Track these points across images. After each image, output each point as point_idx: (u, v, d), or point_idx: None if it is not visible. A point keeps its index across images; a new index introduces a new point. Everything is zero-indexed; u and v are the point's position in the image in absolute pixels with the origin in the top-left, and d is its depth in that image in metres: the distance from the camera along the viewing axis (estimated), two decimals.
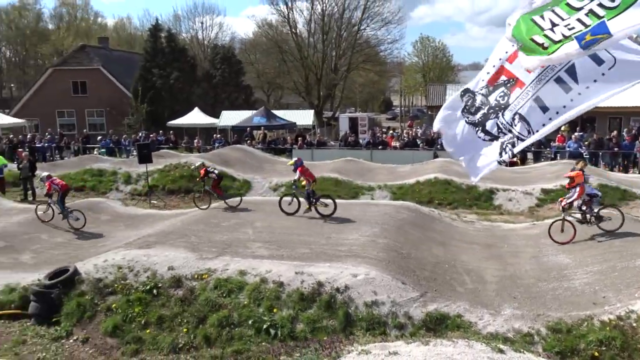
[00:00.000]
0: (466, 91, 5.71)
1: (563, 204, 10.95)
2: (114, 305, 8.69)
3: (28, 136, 29.86)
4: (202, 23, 59.48)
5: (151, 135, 29.22)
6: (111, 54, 45.17)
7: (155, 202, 17.84)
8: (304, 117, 33.62)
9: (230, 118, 32.55)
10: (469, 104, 5.65)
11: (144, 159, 18.32)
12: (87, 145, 29.20)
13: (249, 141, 27.36)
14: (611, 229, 10.54)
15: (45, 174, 14.79)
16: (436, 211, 12.85)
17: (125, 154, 28.31)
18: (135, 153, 23.18)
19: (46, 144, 28.82)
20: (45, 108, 39.94)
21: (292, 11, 50.85)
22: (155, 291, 8.80)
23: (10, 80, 73.70)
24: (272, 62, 53.10)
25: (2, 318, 9.01)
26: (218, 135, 29.67)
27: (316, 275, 8.60)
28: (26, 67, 68.89)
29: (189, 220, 13.01)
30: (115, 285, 9.04)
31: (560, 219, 10.97)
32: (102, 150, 27.98)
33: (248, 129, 29.19)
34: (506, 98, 5.42)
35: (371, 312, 7.92)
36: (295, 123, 31.91)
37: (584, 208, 10.85)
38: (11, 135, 32.37)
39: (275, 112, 32.97)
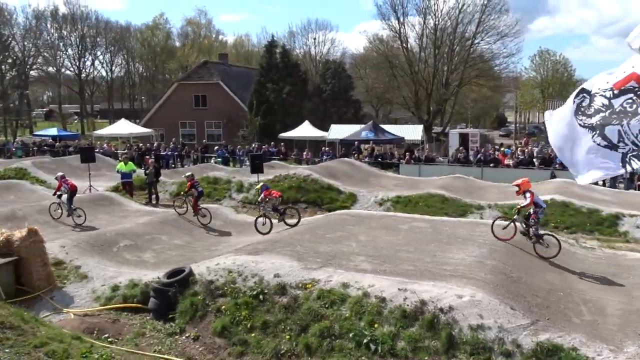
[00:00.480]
0: (582, 91, 5.34)
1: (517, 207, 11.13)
2: (223, 307, 9.14)
3: (154, 145, 32.89)
4: (314, 39, 61.56)
5: (263, 147, 30.64)
6: (230, 69, 48.32)
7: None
8: (412, 132, 33.38)
9: (339, 131, 33.20)
10: (584, 105, 5.27)
11: (256, 169, 19.30)
12: (205, 155, 31.33)
13: (356, 155, 27.66)
14: (546, 255, 10.80)
15: (60, 174, 16.21)
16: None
17: (239, 164, 29.96)
18: (248, 163, 24.40)
19: (169, 152, 31.48)
20: (169, 119, 43.67)
21: (404, 26, 50.86)
22: (261, 297, 9.15)
23: (142, 94, 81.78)
24: (382, 77, 53.34)
25: (125, 310, 9.92)
26: (326, 148, 30.36)
27: (419, 293, 8.47)
28: (155, 81, 75.88)
29: (295, 230, 13.43)
30: (225, 288, 9.53)
31: (509, 220, 11.32)
32: (218, 159, 29.87)
33: (356, 142, 29.53)
34: (635, 106, 4.99)
35: (476, 336, 7.63)
36: (403, 138, 31.75)
37: (531, 221, 10.91)
38: (140, 144, 35.91)
39: (384, 126, 33.09)
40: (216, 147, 32.11)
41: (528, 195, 10.88)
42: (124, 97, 78.56)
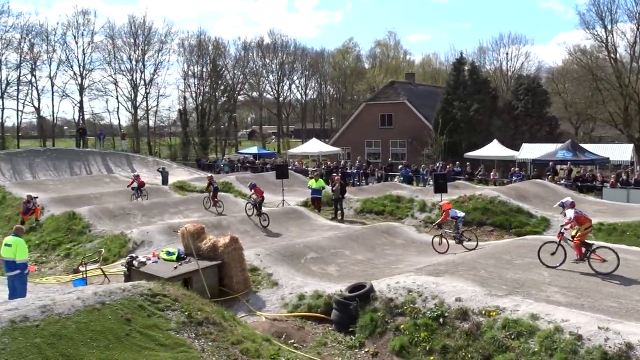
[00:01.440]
0: None
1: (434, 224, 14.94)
2: (402, 326, 9.11)
3: (341, 163, 34.59)
4: (507, 54, 58.61)
5: (448, 166, 29.99)
6: (416, 88, 48.58)
7: (449, 231, 18.16)
8: (619, 152, 29.55)
9: (531, 151, 30.91)
10: None
11: (440, 188, 18.97)
12: (389, 173, 31.80)
13: (550, 176, 25.48)
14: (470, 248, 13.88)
15: (136, 173, 17.30)
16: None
17: (422, 183, 29.81)
18: (431, 182, 24.17)
19: (355, 170, 32.74)
20: (356, 138, 45.48)
21: (612, 34, 45.43)
22: (441, 319, 8.93)
23: (331, 114, 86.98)
24: (584, 91, 48.32)
25: (310, 319, 10.46)
26: (516, 169, 28.51)
27: (625, 335, 7.42)
28: (344, 102, 79.98)
29: (479, 253, 12.87)
30: (405, 307, 9.50)
31: (437, 235, 14.76)
32: (402, 178, 30.10)
33: (550, 163, 27.18)
34: None
35: None
36: (608, 158, 28.28)
37: (454, 230, 14.69)
38: (328, 162, 38.11)
39: (584, 145, 29.88)
40: (400, 166, 32.40)
41: (443, 214, 14.91)
42: (316, 117, 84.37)
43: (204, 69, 60.32)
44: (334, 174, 28.34)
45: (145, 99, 56.60)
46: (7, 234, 12.38)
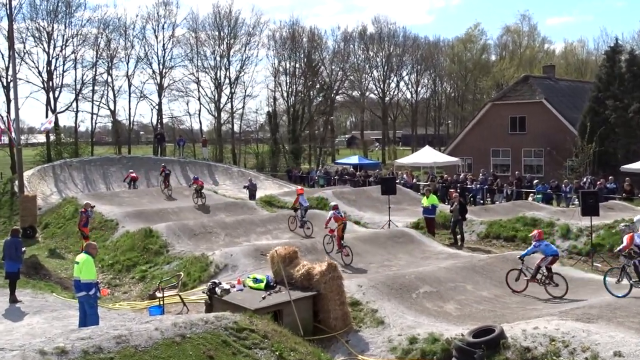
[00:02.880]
0: None
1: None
2: None
3: (460, 176, 33.84)
4: None
5: (599, 182, 28.35)
6: (556, 84, 46.47)
7: (599, 265, 17.24)
8: None
9: None
10: None
11: (589, 210, 17.95)
12: (522, 189, 30.61)
13: None
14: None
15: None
16: None
17: (564, 203, 28.44)
18: (577, 202, 23.01)
19: (478, 185, 31.86)
20: (479, 146, 44.28)
21: None
22: None
23: (448, 117, 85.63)
24: None
25: None
26: None
27: None
28: (464, 102, 78.49)
29: None
30: (546, 359, 9.15)
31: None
32: (538, 196, 28.84)
33: None
34: None
35: None
36: None
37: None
38: (444, 174, 37.46)
39: None
40: (535, 181, 31.10)
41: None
42: (428, 121, 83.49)
43: (297, 65, 62.34)
44: (452, 190, 27.77)
45: (229, 100, 59.57)
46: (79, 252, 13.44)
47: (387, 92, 75.31)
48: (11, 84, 40.97)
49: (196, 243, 19.84)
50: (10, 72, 44.06)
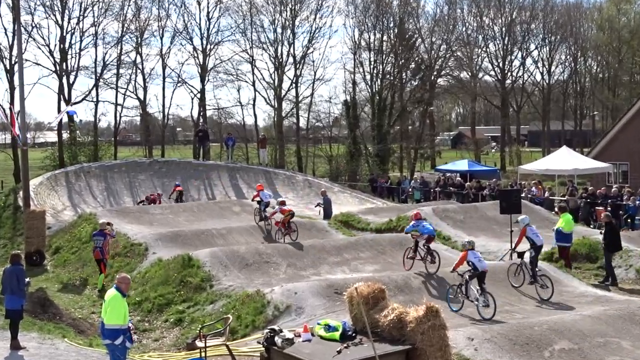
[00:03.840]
0: None
1: None
2: None
3: (612, 188, 32.79)
4: None
5: None
6: None
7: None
8: None
9: None
10: None
11: None
12: None
13: None
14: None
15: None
16: None
17: None
18: None
19: (637, 202, 30.78)
20: (638, 147, 42.77)
21: None
22: None
23: (594, 106, 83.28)
24: None
25: None
26: None
27: None
28: (618, 86, 76.12)
29: None
30: None
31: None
32: None
33: None
34: None
35: None
36: None
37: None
38: (589, 186, 36.39)
39: None
40: None
41: None
42: (566, 112, 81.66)
43: (385, 38, 62.37)
44: (600, 209, 26.93)
45: (294, 85, 60.26)
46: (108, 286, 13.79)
47: (509, 73, 74.36)
48: (16, 67, 42.83)
49: (249, 276, 20.11)
50: (15, 52, 46.37)
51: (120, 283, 11.96)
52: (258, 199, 27.61)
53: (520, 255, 19.53)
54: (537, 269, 18.81)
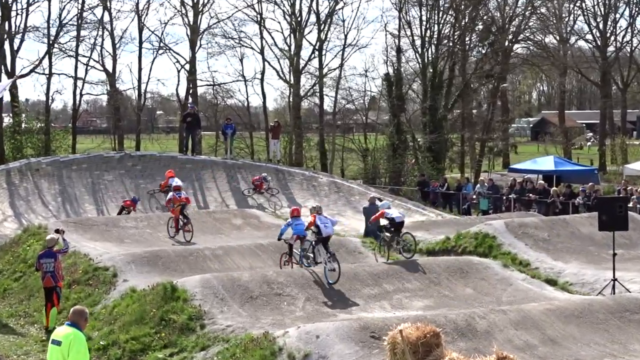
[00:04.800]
0: None
1: None
2: None
3: None
4: None
5: None
6: None
7: None
8: None
9: None
10: None
11: None
12: None
13: None
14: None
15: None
16: None
17: None
18: None
19: None
20: None
21: None
22: None
23: None
24: None
25: None
26: None
27: None
28: None
29: None
30: None
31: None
32: None
33: None
34: None
35: None
36: None
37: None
38: None
39: None
40: None
41: None
42: None
43: None
44: None
45: (317, 53, 60.34)
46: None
47: (612, 37, 73.79)
48: None
49: (254, 313, 20.05)
50: None
51: (78, 318, 11.61)
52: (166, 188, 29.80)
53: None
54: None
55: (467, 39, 63.25)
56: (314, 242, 23.02)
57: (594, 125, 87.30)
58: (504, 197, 39.76)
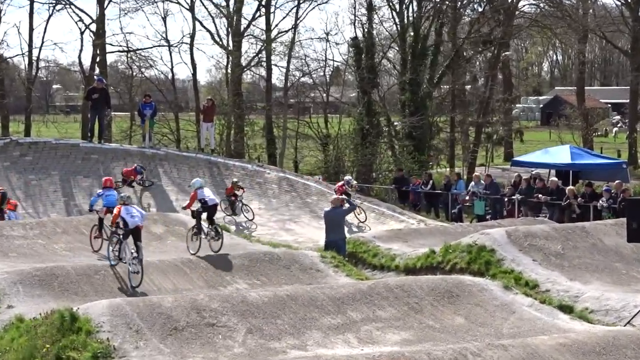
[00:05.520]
0: None
1: None
2: None
3: None
4: None
5: None
6: None
7: None
8: None
9: None
10: None
11: None
12: None
13: None
14: None
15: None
16: None
17: None
18: None
19: None
20: None
21: None
22: None
23: None
24: None
25: None
26: None
27: None
28: None
29: None
30: None
31: None
32: None
33: None
34: None
35: None
36: None
37: None
38: None
39: None
40: None
41: None
42: None
43: None
44: None
45: (263, 11, 60.89)
46: None
47: None
48: None
49: (179, 349, 19.97)
50: None
51: None
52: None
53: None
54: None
55: None
56: (121, 237, 25.48)
57: (622, 105, 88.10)
58: (506, 199, 40.03)
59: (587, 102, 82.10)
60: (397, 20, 61.64)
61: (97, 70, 56.74)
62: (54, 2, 58.49)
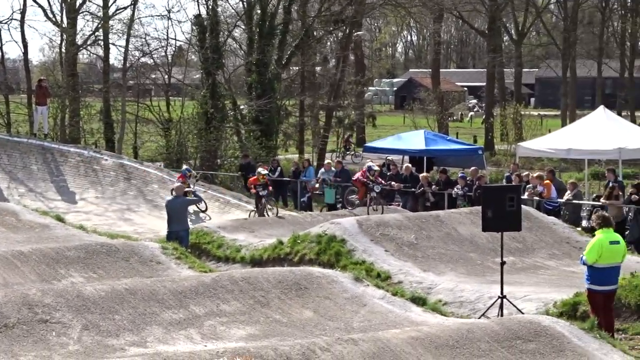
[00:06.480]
0: None
1: None
2: None
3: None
4: None
5: None
6: None
7: None
8: None
9: None
10: None
11: None
12: None
13: None
14: None
15: None
16: None
17: None
18: None
19: None
20: None
21: None
22: None
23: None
24: None
25: None
26: None
27: None
28: None
29: None
30: None
31: None
32: None
33: None
34: None
35: None
36: None
37: None
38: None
39: None
40: None
41: None
42: (605, 45, 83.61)
43: None
44: None
45: None
46: None
47: None
48: None
49: (10, 347, 19.71)
50: None
51: None
52: None
53: None
54: None
55: None
56: None
57: (478, 89, 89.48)
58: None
59: (442, 85, 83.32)
60: None
61: None
62: None
